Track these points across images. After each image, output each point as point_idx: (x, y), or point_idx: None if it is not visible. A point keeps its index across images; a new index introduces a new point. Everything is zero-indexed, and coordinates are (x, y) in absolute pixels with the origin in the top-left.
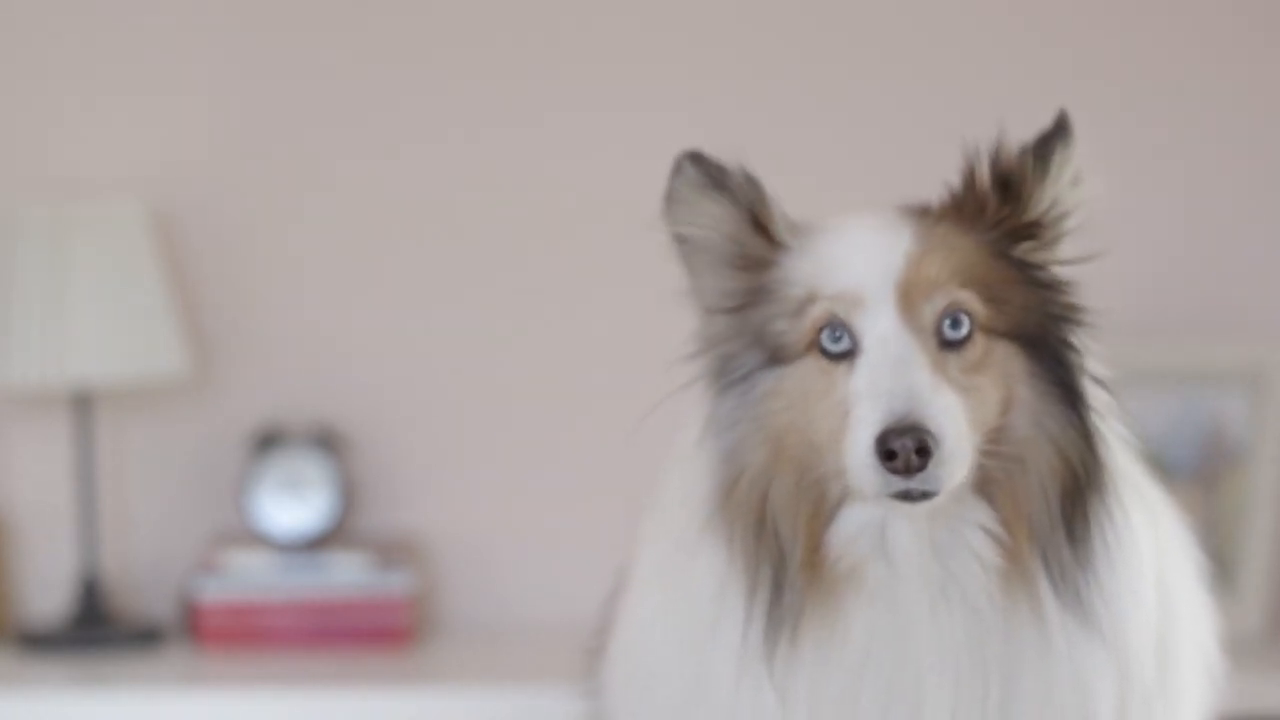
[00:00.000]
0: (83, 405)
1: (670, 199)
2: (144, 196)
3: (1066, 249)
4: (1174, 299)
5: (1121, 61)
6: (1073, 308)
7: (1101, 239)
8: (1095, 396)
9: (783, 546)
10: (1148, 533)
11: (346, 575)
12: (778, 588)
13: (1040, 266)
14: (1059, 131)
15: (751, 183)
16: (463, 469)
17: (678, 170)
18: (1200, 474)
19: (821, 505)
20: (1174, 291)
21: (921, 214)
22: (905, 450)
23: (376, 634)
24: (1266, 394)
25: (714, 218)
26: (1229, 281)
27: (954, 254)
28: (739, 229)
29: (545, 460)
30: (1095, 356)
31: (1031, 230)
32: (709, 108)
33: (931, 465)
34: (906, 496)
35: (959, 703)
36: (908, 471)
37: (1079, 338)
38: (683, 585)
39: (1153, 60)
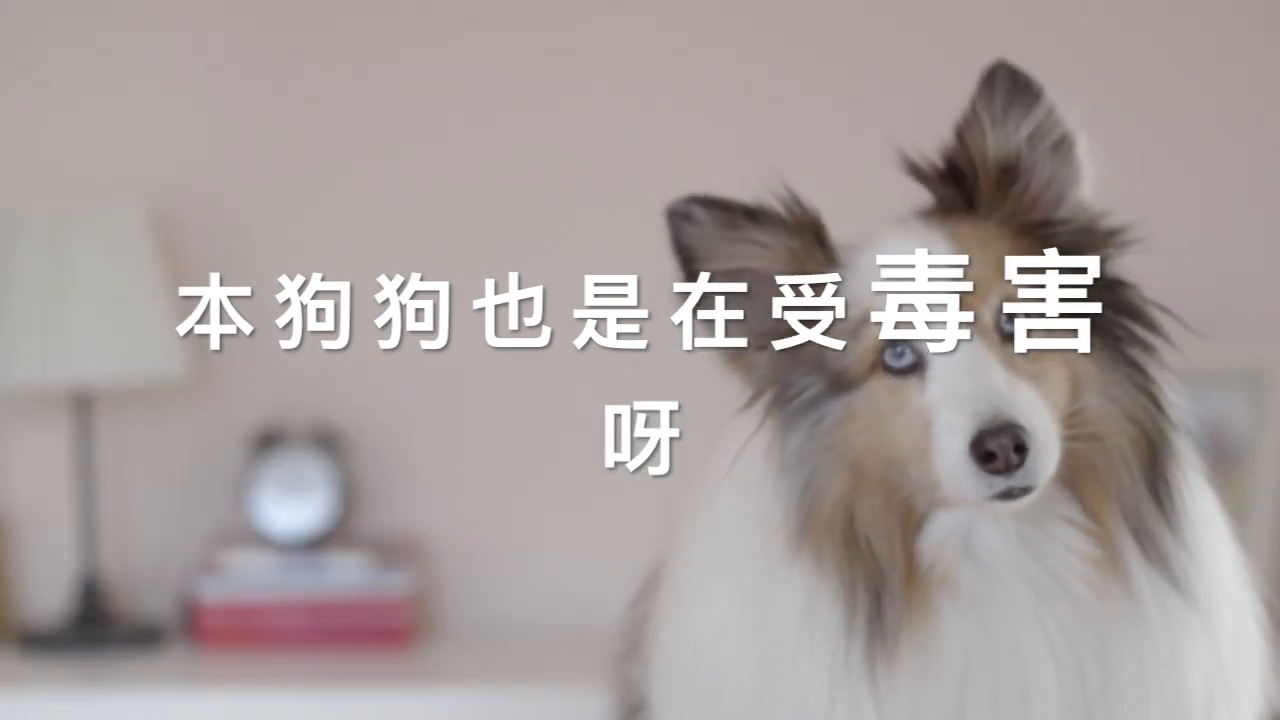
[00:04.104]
0: (82, 405)
1: (698, 245)
2: (144, 195)
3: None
4: (1173, 298)
5: (1119, 64)
6: (1111, 268)
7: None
8: (1149, 362)
9: (880, 563)
10: (1213, 495)
11: (346, 575)
12: (877, 603)
13: (1065, 228)
14: (993, 83)
15: (804, 205)
16: (463, 469)
17: (686, 218)
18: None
19: (910, 517)
20: (1173, 290)
21: (934, 218)
22: (1004, 450)
23: (376, 634)
24: (1267, 394)
25: (765, 246)
26: (1230, 281)
27: (991, 248)
28: (802, 250)
29: (546, 460)
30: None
31: (1034, 198)
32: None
33: (1029, 460)
34: (1008, 496)
35: (1064, 696)
36: (1008, 470)
37: (1125, 300)
38: (760, 603)
39: (1150, 61)
